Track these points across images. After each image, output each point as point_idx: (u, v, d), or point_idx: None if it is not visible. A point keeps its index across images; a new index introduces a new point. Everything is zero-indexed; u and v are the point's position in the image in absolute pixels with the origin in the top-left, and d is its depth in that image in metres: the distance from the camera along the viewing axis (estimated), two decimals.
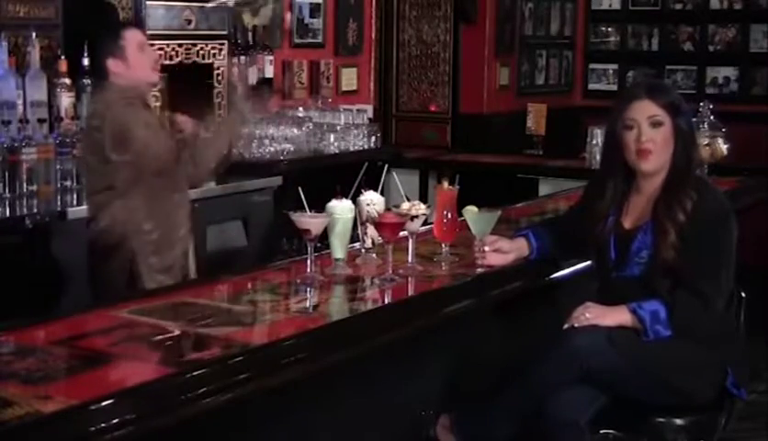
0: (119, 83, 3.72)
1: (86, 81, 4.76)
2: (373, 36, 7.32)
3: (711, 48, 8.53)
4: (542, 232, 3.41)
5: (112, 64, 3.71)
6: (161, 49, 4.84)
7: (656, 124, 3.08)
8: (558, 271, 3.43)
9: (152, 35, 4.79)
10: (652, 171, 3.12)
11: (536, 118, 7.14)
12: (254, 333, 2.71)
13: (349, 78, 7.01)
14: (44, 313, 2.79)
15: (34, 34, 4.64)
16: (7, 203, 4.28)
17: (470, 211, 3.35)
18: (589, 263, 3.37)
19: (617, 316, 3.01)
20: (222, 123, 4.13)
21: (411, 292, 3.06)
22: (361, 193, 3.26)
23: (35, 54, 4.62)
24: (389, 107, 7.92)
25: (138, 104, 3.73)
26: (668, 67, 8.65)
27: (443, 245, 3.33)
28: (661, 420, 3.03)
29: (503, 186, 6.12)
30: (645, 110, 3.09)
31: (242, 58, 5.82)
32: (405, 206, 3.18)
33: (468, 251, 3.37)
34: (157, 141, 3.67)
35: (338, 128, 6.14)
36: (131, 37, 3.72)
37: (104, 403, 2.05)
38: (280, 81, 6.33)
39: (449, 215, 3.29)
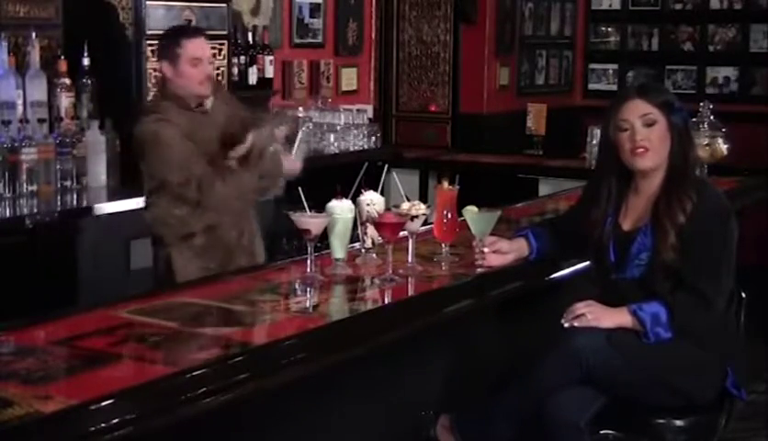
0: (172, 88, 3.78)
1: (86, 81, 4.76)
2: (373, 36, 7.33)
3: (711, 48, 8.53)
4: (542, 233, 3.41)
5: (165, 68, 3.79)
6: None
7: (649, 123, 3.07)
8: (558, 271, 3.43)
9: (152, 35, 4.80)
10: (649, 169, 3.11)
11: (536, 118, 7.14)
12: (254, 333, 2.71)
13: (349, 78, 7.01)
14: (44, 313, 2.78)
15: (34, 34, 4.64)
16: (7, 203, 4.28)
17: (470, 211, 3.34)
18: (589, 263, 3.37)
19: (617, 318, 3.01)
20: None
21: (411, 292, 3.06)
22: (361, 193, 3.26)
23: (35, 54, 4.62)
24: (389, 107, 7.92)
25: (174, 123, 3.72)
26: (668, 67, 8.65)
27: (443, 245, 3.33)
28: (661, 421, 3.02)
29: (503, 186, 6.13)
30: (637, 110, 3.08)
31: (242, 58, 5.82)
32: (405, 206, 3.18)
33: (468, 251, 3.37)
34: (172, 159, 3.69)
35: (338, 128, 6.15)
36: (190, 48, 3.75)
37: (104, 403, 2.06)
38: (280, 81, 6.34)
39: (449, 215, 3.29)
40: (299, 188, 3.37)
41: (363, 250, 3.29)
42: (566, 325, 3.03)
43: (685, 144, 3.13)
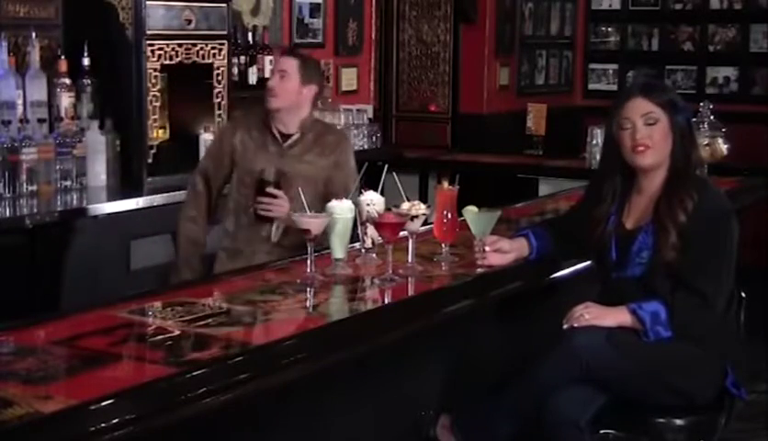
0: None
1: (86, 81, 4.76)
2: (373, 36, 7.32)
3: (711, 48, 8.53)
4: (542, 232, 3.41)
5: None
6: (161, 49, 4.84)
7: (651, 122, 3.07)
8: (558, 271, 3.43)
9: (152, 35, 4.80)
10: (650, 166, 3.11)
11: (536, 118, 7.14)
12: (254, 333, 2.71)
13: (349, 78, 7.00)
14: (44, 313, 2.78)
15: (34, 34, 4.64)
16: (7, 203, 4.28)
17: (470, 211, 3.34)
18: (589, 263, 3.37)
19: (617, 316, 3.01)
20: None
21: (411, 292, 3.06)
22: (361, 193, 3.26)
23: (35, 54, 4.62)
24: (389, 107, 7.92)
25: (244, 122, 4.08)
26: (668, 67, 8.64)
27: (443, 245, 3.32)
28: (661, 420, 3.03)
29: (503, 186, 6.12)
30: (639, 109, 3.08)
31: (242, 58, 5.81)
32: (405, 206, 3.18)
33: (468, 251, 3.37)
34: (205, 156, 4.25)
35: (338, 128, 6.13)
36: (275, 63, 4.08)
37: (104, 403, 2.05)
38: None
39: (449, 215, 3.29)
40: (300, 189, 3.37)
41: (363, 250, 3.28)
42: (565, 327, 3.03)
43: (687, 144, 3.13)
